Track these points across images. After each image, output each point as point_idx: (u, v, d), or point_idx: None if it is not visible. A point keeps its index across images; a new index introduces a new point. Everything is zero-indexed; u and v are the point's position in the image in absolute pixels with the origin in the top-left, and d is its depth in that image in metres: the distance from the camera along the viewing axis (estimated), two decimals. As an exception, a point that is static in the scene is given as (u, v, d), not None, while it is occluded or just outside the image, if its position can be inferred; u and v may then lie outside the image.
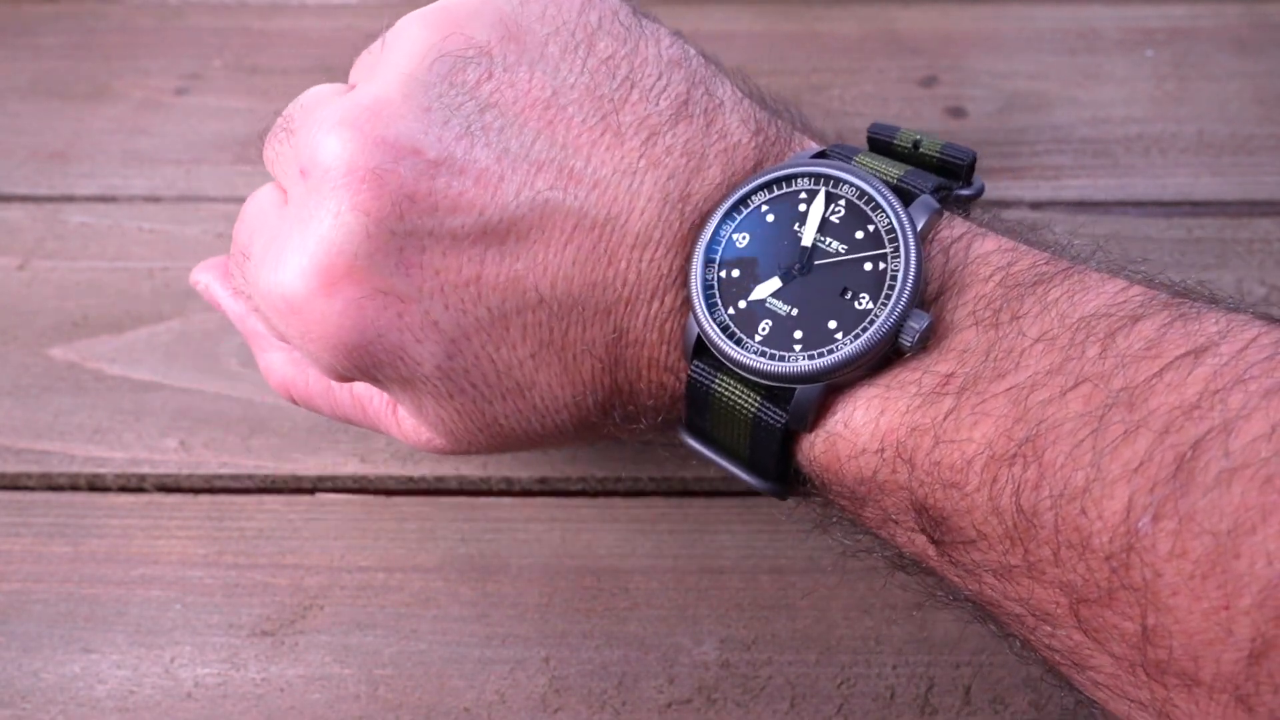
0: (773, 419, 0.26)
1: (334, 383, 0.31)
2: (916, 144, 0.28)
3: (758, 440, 0.26)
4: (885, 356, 0.25)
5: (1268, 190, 0.45)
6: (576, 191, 0.26)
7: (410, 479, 0.38)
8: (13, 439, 0.39)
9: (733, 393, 0.26)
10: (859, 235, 0.25)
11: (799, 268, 0.26)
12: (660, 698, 0.33)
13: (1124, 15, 0.53)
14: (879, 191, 0.26)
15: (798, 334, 0.25)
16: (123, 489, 0.38)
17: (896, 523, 0.25)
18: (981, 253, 0.25)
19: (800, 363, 0.25)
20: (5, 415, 0.40)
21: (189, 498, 0.38)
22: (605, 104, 0.27)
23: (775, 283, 0.26)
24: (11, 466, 0.38)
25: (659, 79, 0.27)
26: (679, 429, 0.29)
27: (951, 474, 0.23)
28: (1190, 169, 0.46)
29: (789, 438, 0.26)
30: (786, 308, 0.25)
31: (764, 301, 0.26)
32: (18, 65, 0.53)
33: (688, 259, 0.27)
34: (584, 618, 0.34)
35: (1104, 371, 0.22)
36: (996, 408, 0.23)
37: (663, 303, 0.27)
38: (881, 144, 0.28)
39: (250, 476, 0.38)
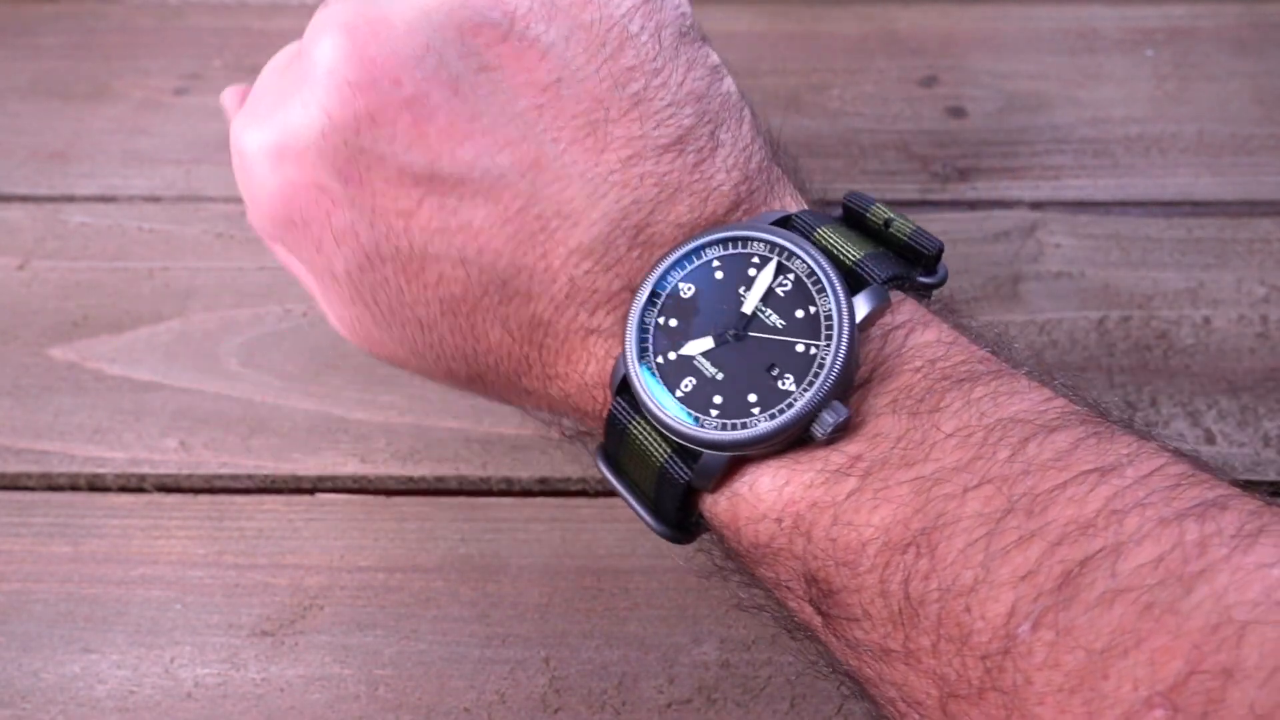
0: (678, 474, 0.26)
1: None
2: (887, 223, 0.27)
3: (662, 488, 0.26)
4: (798, 436, 0.25)
5: (1268, 190, 0.45)
6: (537, 178, 0.26)
7: (410, 479, 0.38)
8: (13, 439, 0.39)
9: (646, 438, 0.26)
10: (799, 314, 0.25)
11: (734, 333, 0.26)
12: (660, 698, 0.33)
13: (1124, 15, 0.53)
14: (827, 276, 0.25)
15: (717, 399, 0.25)
16: (123, 489, 0.38)
17: (788, 589, 0.25)
18: (918, 343, 0.25)
19: (712, 431, 0.25)
20: (5, 415, 0.40)
21: (189, 498, 0.38)
22: (602, 111, 0.26)
23: (708, 342, 0.26)
24: (11, 466, 0.38)
25: (668, 106, 0.27)
26: (596, 454, 0.29)
27: (846, 553, 0.23)
28: (1190, 169, 0.46)
29: (692, 492, 0.26)
30: (713, 370, 0.25)
31: (693, 359, 0.26)
32: (18, 65, 0.53)
33: (632, 294, 0.26)
34: (584, 618, 0.34)
35: (1009, 475, 0.22)
36: (899, 495, 0.23)
37: (591, 315, 0.27)
38: (854, 215, 0.28)
39: (250, 476, 0.38)
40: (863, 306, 0.25)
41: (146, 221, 0.46)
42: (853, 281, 0.26)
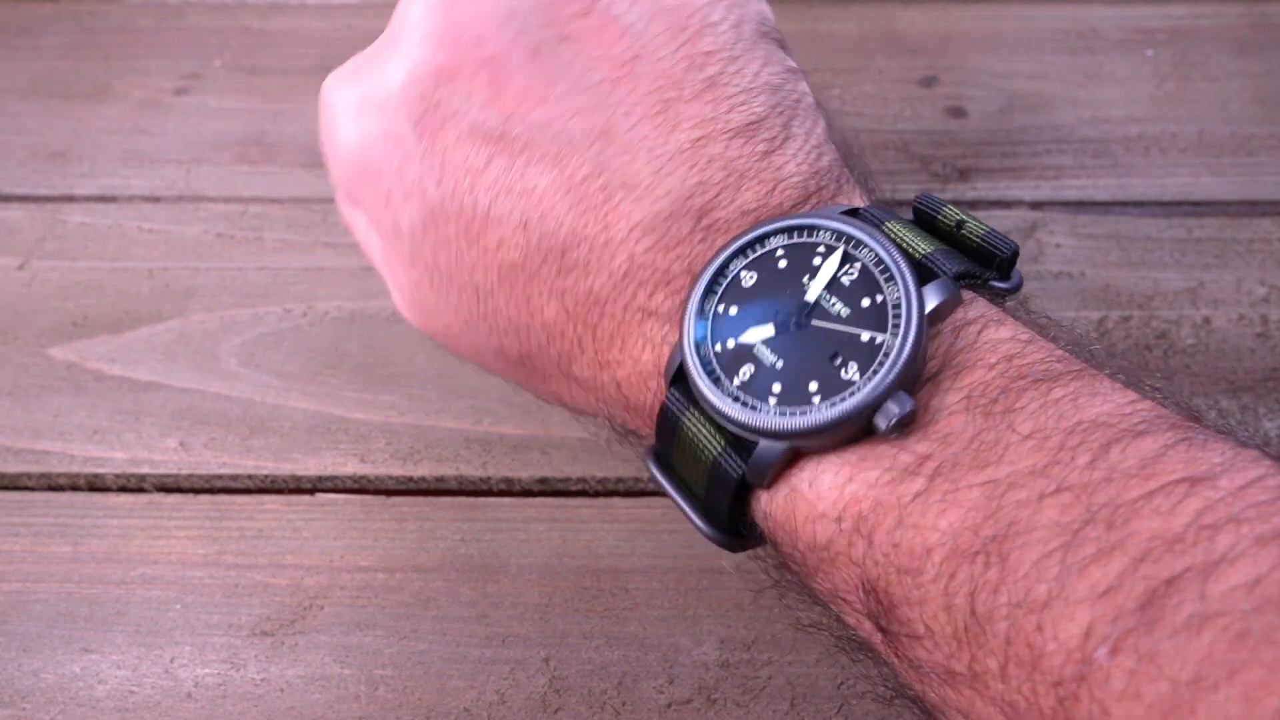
0: (731, 468, 0.25)
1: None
2: (960, 224, 0.26)
3: (714, 485, 0.25)
4: (861, 430, 0.23)
5: (1268, 190, 0.45)
6: (605, 148, 0.26)
7: (410, 479, 0.38)
8: (13, 439, 0.39)
9: (699, 430, 0.25)
10: (865, 303, 0.24)
11: (796, 321, 0.25)
12: (660, 698, 0.33)
13: (1124, 15, 0.53)
14: (896, 264, 0.24)
15: (776, 387, 0.24)
16: (123, 489, 0.38)
17: (845, 601, 0.24)
18: (992, 339, 0.24)
19: (770, 417, 0.23)
20: (5, 415, 0.40)
21: (189, 498, 0.38)
22: (676, 90, 0.26)
23: (769, 329, 0.25)
24: (11, 466, 0.38)
25: (741, 93, 0.27)
26: (646, 455, 0.28)
27: (909, 559, 0.22)
28: (1190, 169, 0.46)
29: (744, 489, 0.25)
30: (773, 358, 0.24)
31: (753, 346, 0.25)
32: (18, 65, 0.53)
33: (692, 282, 0.26)
34: (584, 618, 0.34)
35: (1090, 482, 0.20)
36: (969, 499, 0.21)
37: (649, 296, 0.26)
38: (925, 217, 0.27)
39: (250, 476, 0.38)
40: (932, 298, 0.24)
41: (146, 221, 0.46)
42: (922, 274, 0.24)
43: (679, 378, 0.25)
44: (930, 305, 0.24)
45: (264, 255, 0.44)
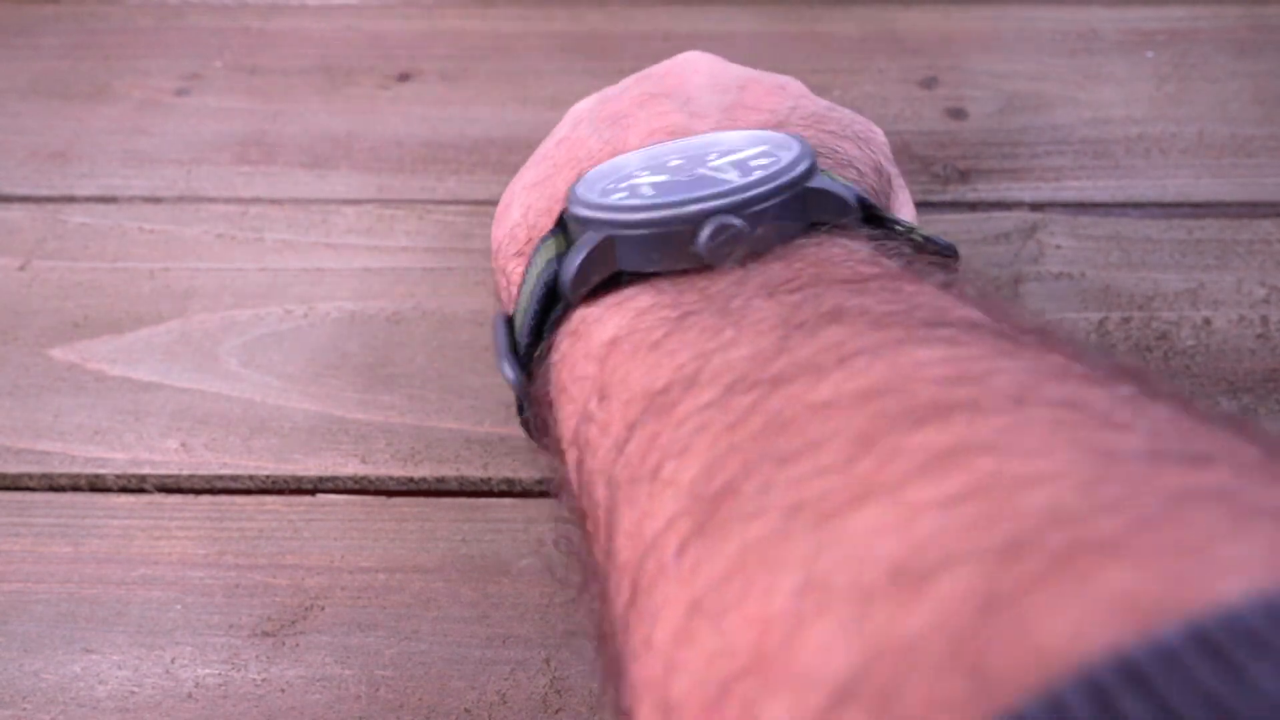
0: (548, 273, 0.24)
1: None
2: (909, 230, 0.26)
3: (531, 302, 0.25)
4: (681, 258, 0.22)
5: (1268, 191, 0.45)
6: (674, 96, 0.32)
7: (410, 479, 0.38)
8: (13, 439, 0.39)
9: (544, 248, 0.25)
10: (758, 175, 0.23)
11: (686, 171, 0.25)
12: (661, 698, 0.33)
13: (1124, 16, 0.53)
14: (805, 152, 0.24)
15: (635, 200, 0.24)
16: (123, 489, 0.38)
17: (569, 474, 0.22)
18: (842, 244, 0.23)
19: (599, 203, 0.24)
20: (5, 415, 0.40)
21: (190, 498, 0.38)
22: (726, 95, 0.31)
23: (661, 177, 0.25)
24: (12, 467, 0.38)
25: (830, 123, 0.30)
26: (496, 315, 0.28)
27: (607, 404, 0.20)
28: (1190, 170, 0.46)
29: (554, 299, 0.24)
30: (650, 191, 0.24)
31: (640, 185, 0.25)
32: (18, 65, 0.53)
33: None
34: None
35: (776, 352, 0.17)
36: (681, 344, 0.19)
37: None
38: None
39: (251, 477, 0.38)
40: (817, 181, 0.23)
41: (147, 222, 0.46)
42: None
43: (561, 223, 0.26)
44: (812, 183, 0.23)
45: (264, 256, 0.44)
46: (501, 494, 0.38)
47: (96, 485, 0.38)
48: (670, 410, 0.18)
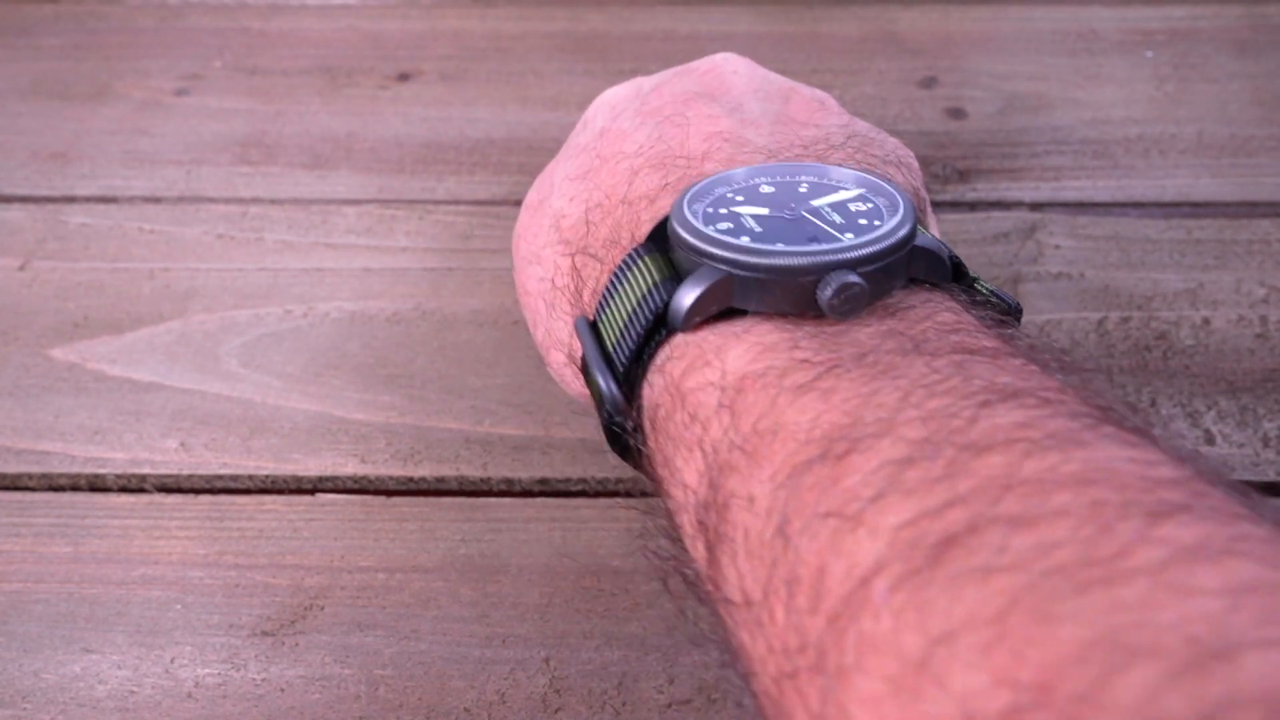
0: (658, 296, 0.24)
1: None
2: (974, 280, 0.27)
3: (631, 321, 0.25)
4: (801, 304, 0.23)
5: (1267, 191, 0.45)
6: (729, 107, 0.32)
7: (410, 479, 0.38)
8: (13, 439, 0.39)
9: (646, 268, 0.25)
10: (861, 222, 0.25)
11: (790, 209, 0.25)
12: (660, 698, 0.33)
13: (1124, 16, 0.53)
14: (907, 205, 0.25)
15: (744, 239, 0.24)
16: (123, 489, 0.38)
17: (686, 515, 0.23)
18: (953, 308, 0.24)
19: (722, 240, 0.24)
20: (6, 415, 0.40)
21: (189, 498, 0.38)
22: (777, 109, 0.32)
23: (763, 210, 0.25)
24: (12, 467, 0.38)
25: (875, 147, 0.31)
26: (577, 319, 0.28)
27: (759, 443, 0.20)
28: (1190, 170, 0.46)
29: (660, 325, 0.24)
30: (755, 225, 0.25)
31: (740, 215, 0.25)
32: (18, 65, 0.53)
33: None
34: (584, 618, 0.34)
35: (956, 421, 0.19)
36: (839, 401, 0.20)
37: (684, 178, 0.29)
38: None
39: (250, 477, 0.38)
40: (924, 241, 0.24)
41: (147, 222, 0.46)
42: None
43: (657, 235, 0.26)
44: (919, 243, 0.24)
45: (264, 256, 0.44)
46: (501, 494, 0.38)
47: (96, 485, 0.38)
48: (846, 457, 0.19)
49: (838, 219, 0.25)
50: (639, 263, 0.26)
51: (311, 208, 0.46)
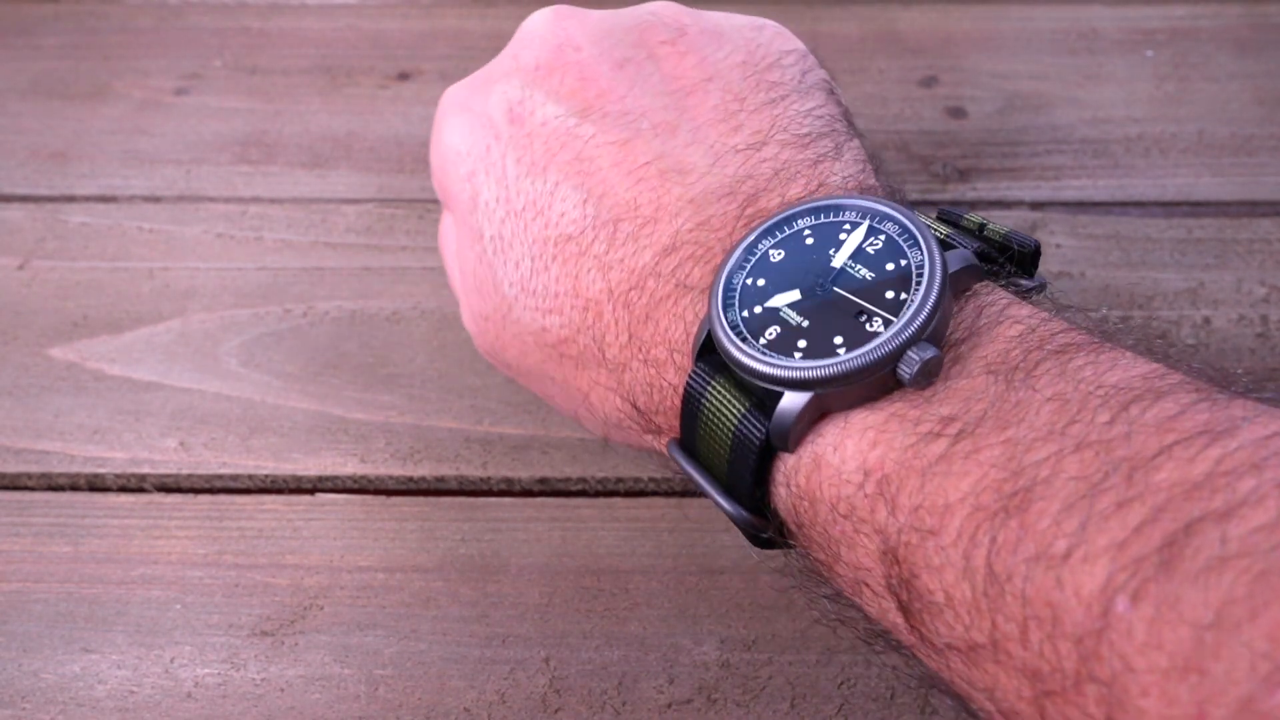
0: (754, 431, 0.25)
1: (443, 240, 0.36)
2: (982, 226, 0.27)
3: (737, 455, 0.25)
4: (885, 387, 0.24)
5: (1268, 190, 0.45)
6: (669, 140, 0.29)
7: (410, 479, 0.38)
8: (13, 439, 0.39)
9: (723, 398, 0.25)
10: (889, 267, 0.25)
11: (821, 286, 0.25)
12: (660, 698, 0.33)
13: (1124, 15, 0.53)
14: (920, 230, 0.25)
15: (801, 343, 0.24)
16: (123, 489, 0.38)
17: (868, 585, 0.24)
18: (1014, 314, 0.25)
19: (795, 366, 0.24)
20: (5, 415, 0.40)
21: (189, 498, 0.38)
22: (740, 104, 0.30)
23: (795, 294, 0.25)
24: (11, 466, 0.38)
25: (798, 116, 0.29)
26: (670, 446, 0.28)
27: (931, 519, 0.22)
28: (1190, 169, 0.46)
29: (768, 454, 0.25)
30: (799, 319, 0.25)
31: (779, 310, 0.25)
32: (18, 65, 0.53)
33: (724, 259, 0.27)
34: (584, 618, 0.34)
35: (1110, 439, 0.20)
36: (990, 458, 0.21)
37: (689, 273, 0.27)
38: (948, 220, 0.28)
39: (250, 476, 0.38)
40: (954, 262, 0.25)
41: (146, 221, 0.46)
42: (944, 247, 0.26)
43: (706, 350, 0.26)
44: (952, 268, 0.25)
45: (264, 255, 0.44)
46: (501, 493, 0.38)
47: (96, 485, 0.38)
48: (1028, 508, 0.20)
49: (869, 275, 0.25)
50: (710, 390, 0.26)
51: (311, 207, 0.46)
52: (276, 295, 0.43)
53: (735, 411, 0.25)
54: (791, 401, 0.24)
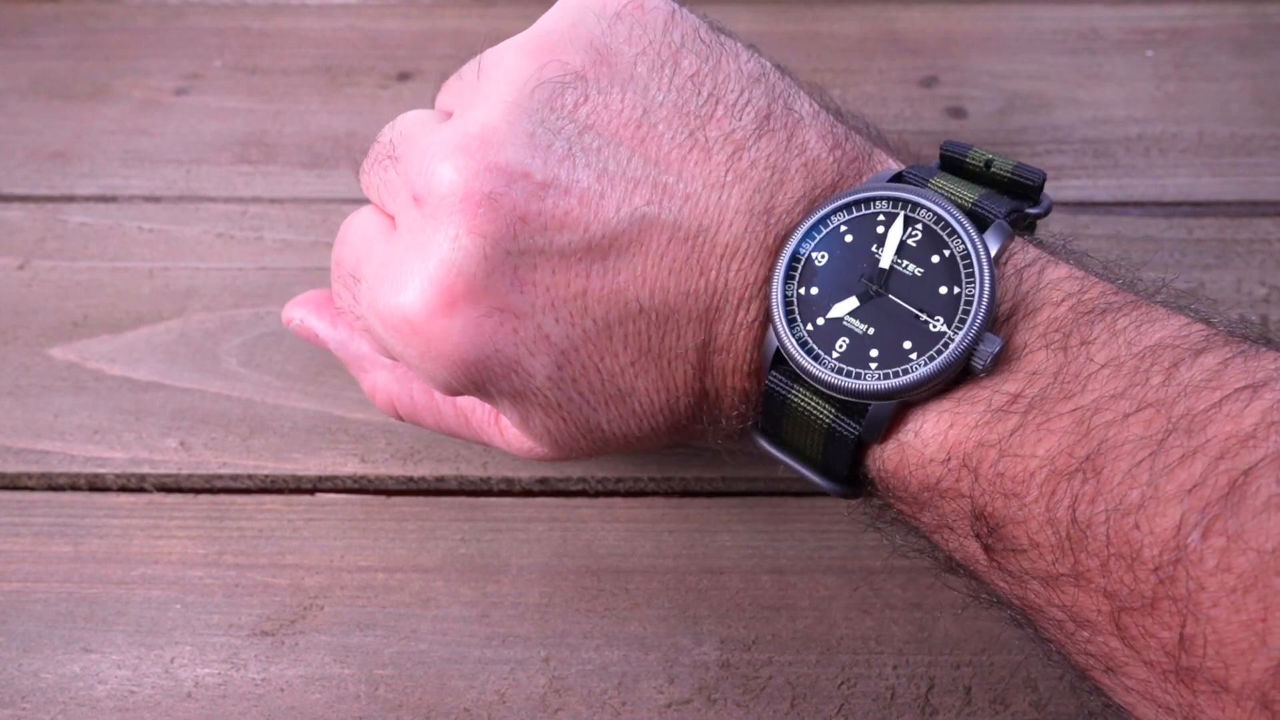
0: (847, 430, 0.27)
1: (439, 397, 0.33)
2: (988, 164, 0.29)
3: (831, 448, 0.28)
4: (957, 376, 0.26)
5: (1268, 190, 0.45)
6: (670, 205, 0.27)
7: (410, 479, 0.38)
8: (13, 439, 0.39)
9: (808, 404, 0.27)
10: (935, 259, 0.26)
11: (876, 290, 0.27)
12: (660, 698, 0.33)
13: (1124, 15, 0.53)
14: (955, 218, 0.26)
15: (874, 352, 0.26)
16: (123, 489, 0.38)
17: (951, 528, 0.26)
18: (1053, 278, 0.26)
19: (876, 382, 0.26)
20: (5, 415, 0.40)
21: (189, 498, 0.38)
22: (692, 120, 0.28)
23: (853, 302, 0.27)
24: (11, 466, 0.38)
25: (741, 94, 0.28)
26: (753, 432, 0.30)
27: (1013, 485, 0.24)
28: (1191, 169, 0.46)
29: (861, 447, 0.27)
30: (863, 326, 0.26)
31: (841, 320, 0.27)
32: (18, 65, 0.53)
33: (769, 272, 0.28)
34: (584, 618, 0.34)
35: (1166, 399, 0.23)
36: (1061, 426, 0.24)
37: (748, 311, 0.28)
38: (954, 162, 0.29)
39: (250, 476, 0.38)
40: (993, 242, 0.26)
41: (146, 221, 0.46)
42: (977, 221, 0.27)
43: (778, 361, 0.27)
44: (994, 250, 0.26)
45: (264, 255, 0.44)
46: (500, 493, 0.38)
47: (96, 485, 0.38)
48: (1101, 470, 0.23)
49: (918, 271, 0.27)
50: (794, 398, 0.27)
51: (311, 207, 0.46)
52: (276, 295, 0.43)
53: (824, 415, 0.27)
54: (879, 409, 0.26)
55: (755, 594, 0.35)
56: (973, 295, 0.25)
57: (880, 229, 0.27)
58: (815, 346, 0.27)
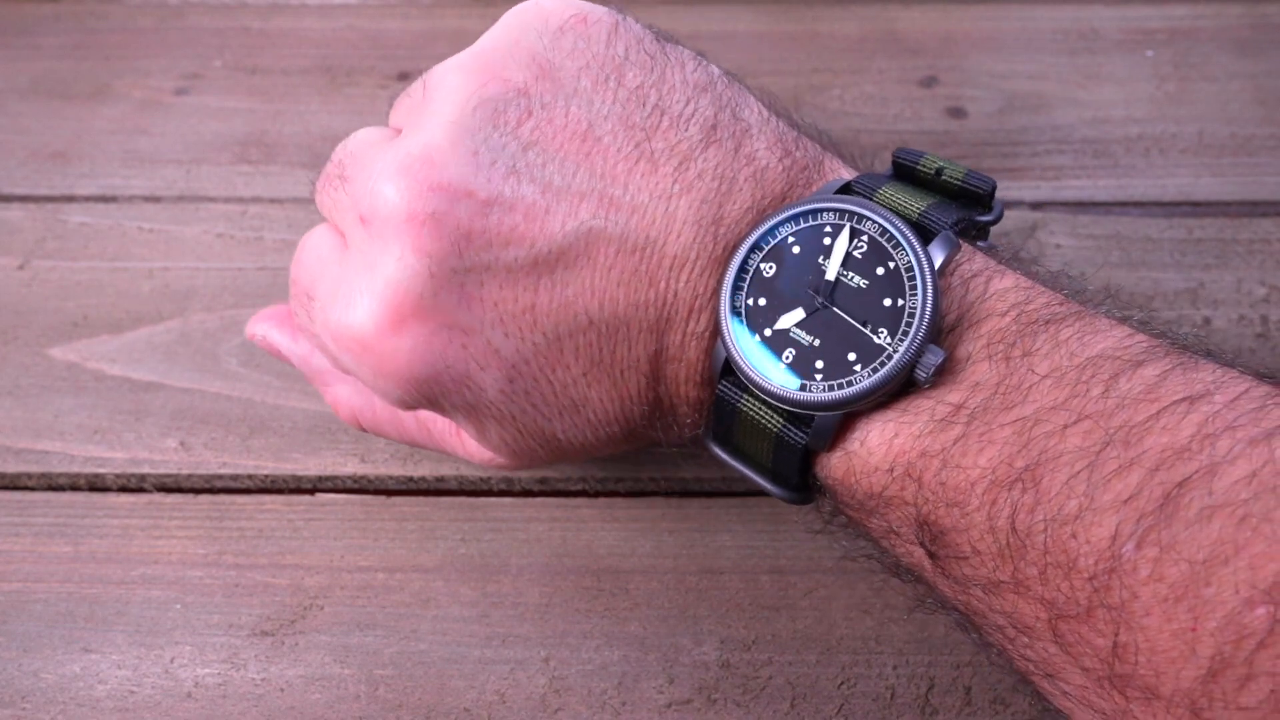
0: (794, 439, 0.27)
1: (401, 410, 0.33)
2: (939, 171, 0.29)
3: (780, 456, 0.28)
4: (901, 387, 0.26)
5: (1268, 191, 0.45)
6: (617, 218, 0.27)
7: (410, 479, 0.38)
8: (13, 439, 0.39)
9: (757, 412, 0.28)
10: (879, 271, 0.27)
11: (822, 301, 0.27)
12: (660, 698, 0.33)
13: (1124, 15, 0.53)
14: (899, 230, 0.27)
15: (819, 364, 0.26)
16: (123, 489, 0.38)
17: (897, 535, 0.27)
18: (999, 289, 0.27)
19: (821, 394, 0.26)
20: (5, 415, 0.40)
21: (189, 498, 0.38)
22: (638, 133, 0.28)
23: (799, 313, 0.27)
24: (11, 466, 0.38)
25: (687, 104, 0.28)
26: (706, 438, 0.30)
27: (956, 494, 0.25)
28: (1190, 169, 0.46)
29: (809, 455, 0.28)
30: (809, 338, 0.27)
31: (789, 331, 0.27)
32: (18, 65, 0.53)
33: (718, 284, 0.28)
34: (584, 618, 0.34)
35: (1104, 410, 0.23)
36: (1002, 436, 0.24)
37: (698, 321, 0.28)
38: (905, 170, 0.30)
39: (250, 476, 0.38)
40: (938, 254, 0.27)
41: (146, 221, 0.46)
42: (923, 233, 0.27)
43: (728, 370, 0.28)
44: (938, 261, 0.26)
45: (264, 255, 0.44)
46: (500, 493, 0.38)
47: (96, 485, 0.38)
48: (1040, 480, 0.23)
49: (863, 283, 0.27)
50: (743, 407, 0.28)
51: (311, 207, 0.46)
52: (277, 295, 0.43)
53: (772, 424, 0.28)
54: (825, 419, 0.27)
55: (755, 594, 0.35)
56: (915, 308, 0.26)
57: (827, 240, 0.27)
58: (761, 345, 0.27)
